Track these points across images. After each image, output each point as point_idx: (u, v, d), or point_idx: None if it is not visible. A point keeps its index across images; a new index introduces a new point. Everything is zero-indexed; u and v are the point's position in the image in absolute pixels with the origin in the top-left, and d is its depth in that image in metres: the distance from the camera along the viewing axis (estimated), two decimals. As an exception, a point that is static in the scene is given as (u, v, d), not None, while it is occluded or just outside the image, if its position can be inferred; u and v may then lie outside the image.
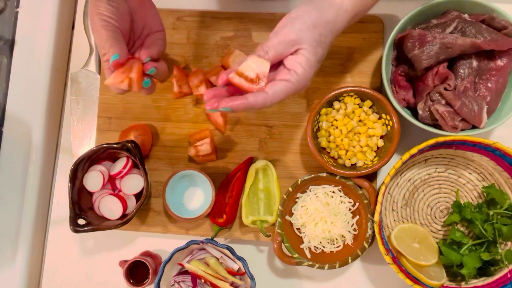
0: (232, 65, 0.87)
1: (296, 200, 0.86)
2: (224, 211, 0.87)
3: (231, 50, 0.89)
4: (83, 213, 0.85)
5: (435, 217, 0.86)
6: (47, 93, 0.94)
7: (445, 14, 0.81)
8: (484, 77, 0.79)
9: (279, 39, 0.65)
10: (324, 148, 0.87)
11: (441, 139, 0.78)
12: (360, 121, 0.85)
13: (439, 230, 0.86)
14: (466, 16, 0.80)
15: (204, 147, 0.87)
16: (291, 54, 0.66)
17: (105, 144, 0.85)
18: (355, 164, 0.86)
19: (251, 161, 0.89)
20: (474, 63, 0.79)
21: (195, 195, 0.90)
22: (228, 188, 0.88)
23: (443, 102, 0.79)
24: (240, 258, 0.83)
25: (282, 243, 0.83)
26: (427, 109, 0.80)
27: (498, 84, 0.79)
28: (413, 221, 0.87)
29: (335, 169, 0.82)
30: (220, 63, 0.91)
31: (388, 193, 0.86)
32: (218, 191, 0.89)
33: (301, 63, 0.65)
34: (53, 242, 0.94)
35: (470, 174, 0.86)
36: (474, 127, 0.80)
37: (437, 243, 0.82)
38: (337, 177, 0.84)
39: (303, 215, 0.84)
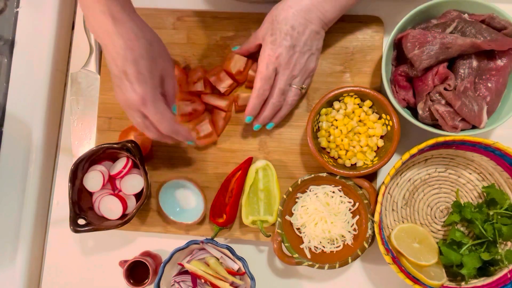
0: (233, 70, 0.88)
1: (296, 200, 0.86)
2: (224, 211, 0.87)
3: (231, 55, 0.88)
4: (83, 213, 0.85)
5: (435, 217, 0.86)
6: (47, 93, 0.94)
7: (445, 14, 0.81)
8: (484, 77, 0.79)
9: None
10: (324, 148, 0.87)
11: (441, 139, 0.78)
12: (360, 121, 0.85)
13: (439, 230, 0.86)
14: (466, 16, 0.80)
15: (205, 126, 0.87)
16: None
17: (105, 144, 0.85)
18: (355, 164, 0.86)
19: (251, 161, 0.89)
20: (474, 63, 0.79)
21: (189, 197, 0.90)
22: (228, 188, 0.88)
23: (443, 102, 0.79)
24: (240, 258, 0.83)
25: (282, 243, 0.83)
26: (427, 109, 0.80)
27: (498, 84, 0.79)
28: (413, 221, 0.87)
29: (335, 169, 0.82)
30: (220, 63, 0.92)
31: (388, 193, 0.86)
32: (218, 191, 0.89)
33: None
34: (53, 242, 0.94)
35: (470, 174, 0.86)
36: (474, 127, 0.80)
37: (437, 243, 0.82)
38: (337, 177, 0.84)
39: (303, 215, 0.84)
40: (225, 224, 0.86)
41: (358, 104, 0.85)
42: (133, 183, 0.88)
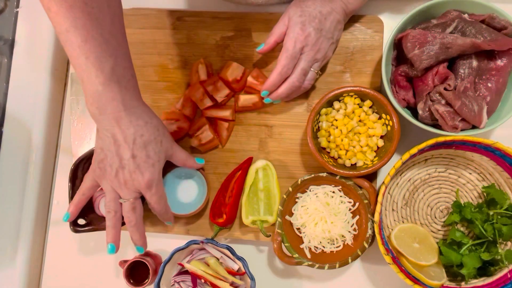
0: (229, 77, 0.88)
1: (296, 200, 0.86)
2: (224, 211, 0.87)
3: (228, 63, 0.88)
4: (83, 213, 0.85)
5: (435, 217, 0.86)
6: (47, 93, 0.94)
7: (445, 14, 0.81)
8: (484, 77, 0.79)
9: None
10: (324, 148, 0.87)
11: (441, 139, 0.78)
12: (360, 121, 0.85)
13: (439, 230, 0.86)
14: (466, 16, 0.80)
15: (205, 134, 0.87)
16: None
17: (105, 144, 0.85)
18: (355, 164, 0.86)
19: (251, 161, 0.89)
20: (474, 63, 0.79)
21: (189, 187, 0.90)
22: (228, 188, 0.88)
23: (443, 102, 0.79)
24: (240, 258, 0.83)
25: (282, 243, 0.83)
26: (427, 109, 0.80)
27: (498, 84, 0.79)
28: (413, 221, 0.87)
29: (335, 169, 0.82)
30: (219, 63, 0.92)
31: (388, 193, 0.86)
32: (218, 191, 0.89)
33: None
34: (53, 242, 0.94)
35: (470, 174, 0.86)
36: (474, 127, 0.80)
37: (437, 243, 0.82)
38: (337, 177, 0.84)
39: (303, 215, 0.84)
40: (225, 224, 0.86)
41: (358, 104, 0.85)
42: (133, 183, 0.87)
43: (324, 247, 0.84)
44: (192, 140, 0.88)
